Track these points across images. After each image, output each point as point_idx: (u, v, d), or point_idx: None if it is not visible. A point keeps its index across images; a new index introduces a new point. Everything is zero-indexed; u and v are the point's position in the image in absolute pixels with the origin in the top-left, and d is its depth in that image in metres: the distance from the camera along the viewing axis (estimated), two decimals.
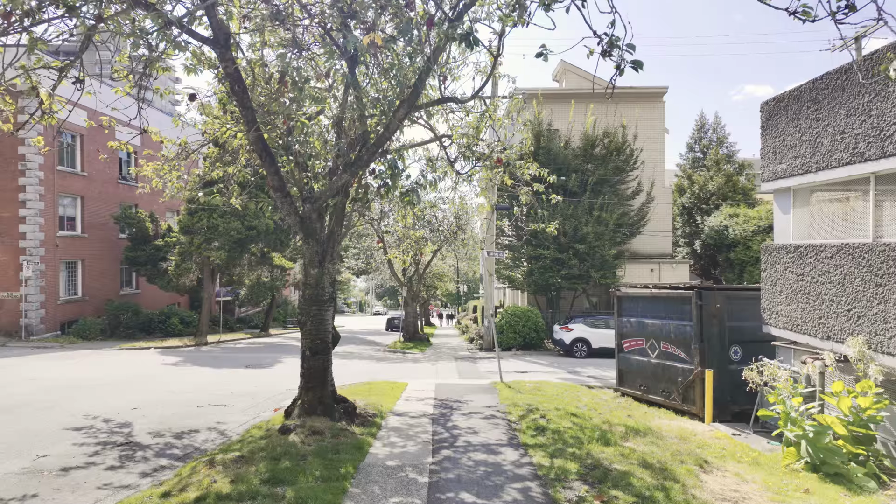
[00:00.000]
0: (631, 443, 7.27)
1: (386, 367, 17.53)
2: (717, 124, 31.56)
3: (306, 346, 7.54)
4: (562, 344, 20.82)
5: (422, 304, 50.01)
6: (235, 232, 25.31)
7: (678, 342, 10.80)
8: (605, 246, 22.40)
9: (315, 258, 7.53)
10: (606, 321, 20.96)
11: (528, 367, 17.51)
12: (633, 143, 23.73)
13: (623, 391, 12.24)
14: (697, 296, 10.32)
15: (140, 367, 15.83)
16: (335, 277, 7.84)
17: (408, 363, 18.54)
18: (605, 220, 22.10)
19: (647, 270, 25.33)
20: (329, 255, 7.68)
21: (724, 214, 25.57)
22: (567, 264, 22.13)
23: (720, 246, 25.53)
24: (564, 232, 22.07)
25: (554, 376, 15.65)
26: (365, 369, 16.69)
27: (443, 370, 16.62)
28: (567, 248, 22.14)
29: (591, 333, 20.57)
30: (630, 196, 23.99)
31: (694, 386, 10.32)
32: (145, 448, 7.01)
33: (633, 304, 12.25)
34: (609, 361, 19.35)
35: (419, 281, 27.49)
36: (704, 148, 31.66)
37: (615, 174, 23.44)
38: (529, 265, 23.07)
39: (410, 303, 26.67)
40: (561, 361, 19.28)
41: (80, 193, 26.50)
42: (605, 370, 17.11)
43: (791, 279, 9.13)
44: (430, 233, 25.74)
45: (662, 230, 25.87)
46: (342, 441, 6.50)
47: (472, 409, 9.62)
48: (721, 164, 29.66)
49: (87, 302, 26.97)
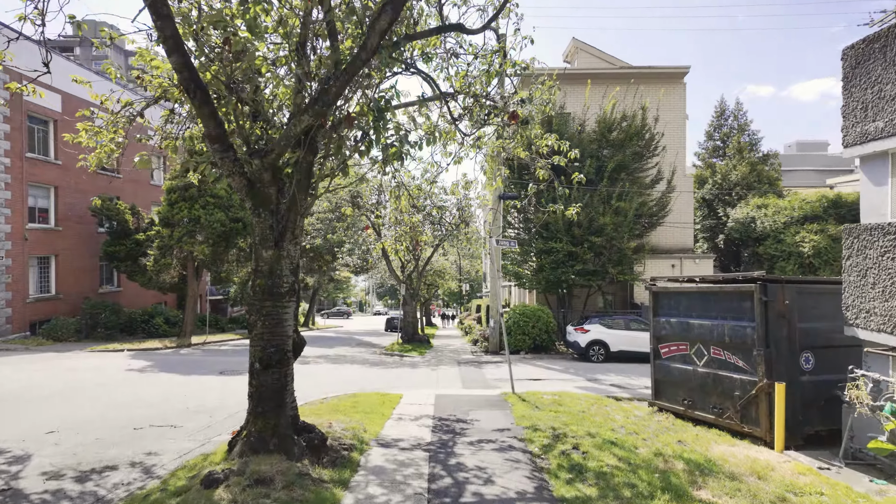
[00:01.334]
0: (707, 491, 5.21)
1: (380, 373, 15.49)
2: (738, 111, 29.43)
3: (256, 355, 5.51)
4: (576, 347, 18.76)
5: (422, 304, 47.96)
6: (219, 224, 23.30)
7: (734, 347, 8.74)
8: (623, 238, 20.33)
9: (268, 235, 5.50)
10: (626, 321, 18.90)
11: (541, 374, 15.47)
12: (653, 127, 21.65)
13: (661, 405, 10.17)
14: (761, 289, 8.26)
15: (97, 374, 13.83)
16: (297, 262, 5.81)
17: (405, 368, 16.51)
18: (623, 210, 20.02)
19: (668, 266, 23.24)
20: (290, 231, 5.65)
21: (752, 206, 23.48)
22: (581, 259, 20.06)
23: (746, 240, 23.43)
24: (579, 223, 20.00)
25: (572, 385, 13.60)
26: (356, 376, 14.66)
27: (444, 377, 14.57)
28: (582, 241, 20.07)
29: (609, 335, 18.50)
30: (649, 185, 21.91)
31: (757, 402, 8.26)
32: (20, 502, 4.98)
33: (674, 301, 10.18)
34: (631, 367, 17.31)
35: (419, 278, 25.47)
36: (725, 136, 29.54)
37: (633, 161, 21.36)
38: (539, 260, 21.01)
39: (409, 302, 24.64)
40: (577, 366, 17.22)
41: (53, 183, 24.53)
42: (628, 377, 15.04)
43: (892, 268, 7.06)
44: (430, 226, 23.71)
45: (683, 222, 23.77)
46: (297, 497, 4.46)
47: (480, 433, 7.58)
48: (744, 152, 27.54)
49: (61, 300, 25.00)
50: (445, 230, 23.80)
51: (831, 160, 66.37)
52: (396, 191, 10.56)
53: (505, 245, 12.62)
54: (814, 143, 64.46)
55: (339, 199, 21.94)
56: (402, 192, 10.53)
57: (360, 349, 23.85)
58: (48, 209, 24.61)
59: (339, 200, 21.93)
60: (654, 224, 21.96)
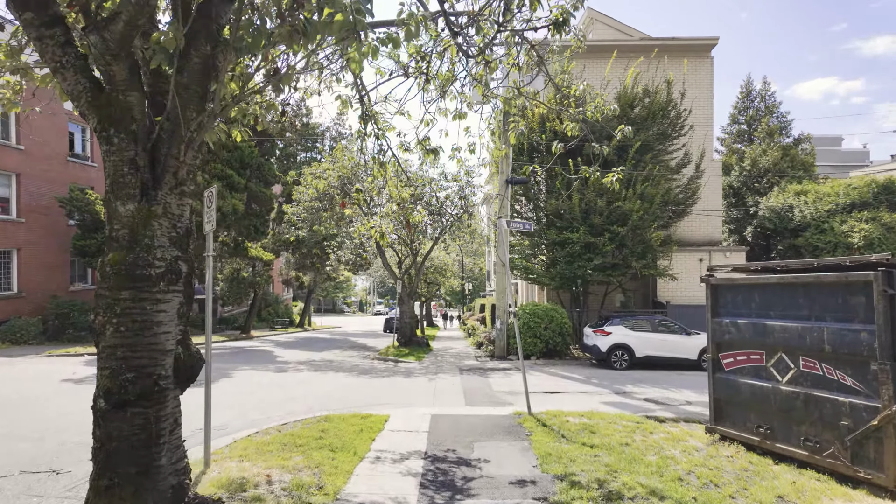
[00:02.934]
0: None
1: (368, 383, 13.14)
2: (765, 91, 26.93)
3: (102, 385, 3.16)
4: (595, 351, 16.36)
5: (423, 303, 45.59)
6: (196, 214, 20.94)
7: (839, 359, 6.36)
8: (649, 228, 17.92)
9: (128, 177, 3.15)
10: (652, 322, 16.50)
11: (558, 384, 13.09)
12: (679, 104, 19.23)
13: (724, 432, 7.76)
14: (885, 279, 5.89)
15: (25, 385, 11.51)
16: (188, 228, 3.46)
17: (398, 377, 14.15)
18: (650, 195, 17.61)
19: (695, 260, 20.81)
20: (169, 173, 3.31)
21: (788, 193, 21.02)
22: (601, 251, 17.66)
23: (781, 231, 20.98)
24: (599, 211, 17.61)
25: (598, 399, 11.22)
26: (339, 387, 12.31)
27: (443, 390, 12.21)
28: (601, 231, 17.67)
29: (634, 338, 16.10)
30: (675, 169, 19.49)
31: (879, 437, 5.89)
32: None
33: (742, 297, 7.78)
34: (661, 375, 14.86)
35: (417, 274, 23.11)
36: (751, 119, 27.05)
37: (658, 141, 18.94)
38: (552, 253, 18.62)
39: (407, 300, 22.27)
40: (598, 375, 14.83)
41: (14, 170, 22.27)
42: (664, 388, 12.65)
43: None
44: (429, 216, 21.34)
45: (711, 210, 21.34)
46: None
47: (491, 489, 5.20)
48: (775, 135, 25.07)
49: (24, 299, 22.73)
50: (446, 221, 21.42)
51: (846, 156, 63.80)
52: (380, 157, 8.20)
53: (518, 227, 10.24)
54: (827, 139, 62.08)
55: (327, 186, 19.62)
56: (387, 156, 8.17)
57: (352, 353, 21.51)
58: (8, 199, 22.35)
59: (327, 187, 19.62)
60: (681, 213, 19.55)
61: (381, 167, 8.27)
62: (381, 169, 8.28)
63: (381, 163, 8.28)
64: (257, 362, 17.06)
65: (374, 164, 8.32)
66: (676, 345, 16.12)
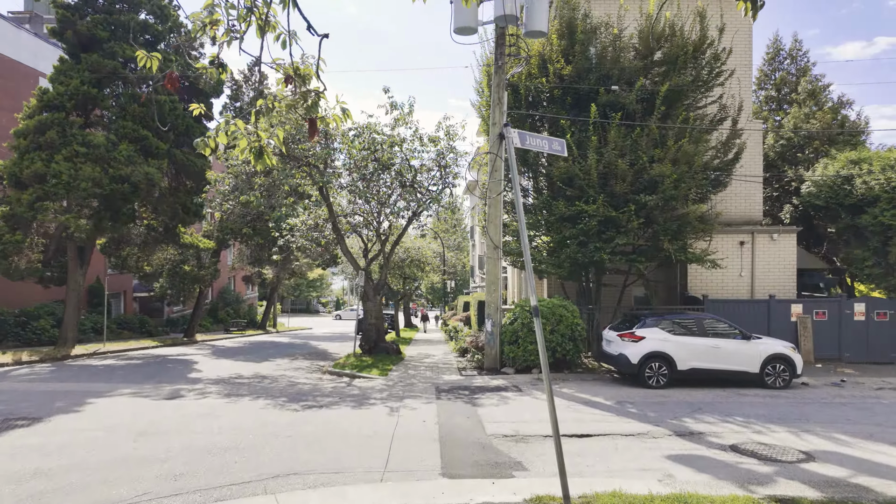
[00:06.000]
0: None
1: (293, 422, 8.53)
2: (796, 50, 22.95)
3: None
4: (622, 362, 11.98)
5: (399, 301, 40.91)
6: (93, 184, 16.06)
7: None
8: (687, 198, 13.65)
9: None
10: (698, 323, 12.19)
11: (583, 417, 8.67)
12: (717, 42, 14.96)
13: None
14: None
15: None
16: None
17: (344, 407, 9.56)
18: (687, 154, 13.29)
19: (734, 243, 16.59)
20: None
21: (842, 161, 16.95)
22: (624, 228, 13.31)
23: (834, 209, 16.91)
24: (622, 175, 13.24)
25: (660, 451, 6.84)
26: (239, 431, 7.66)
27: (407, 436, 7.66)
28: (625, 202, 13.31)
29: (675, 345, 11.76)
30: (713, 124, 15.22)
31: None
32: None
33: None
34: (716, 396, 10.13)
35: (385, 264, 18.52)
36: (780, 83, 23.01)
37: (692, 89, 14.65)
38: (559, 233, 14.21)
39: (372, 297, 17.66)
40: (632, 398, 10.44)
41: None
42: (739, 421, 8.34)
43: None
44: (399, 186, 16.77)
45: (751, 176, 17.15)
46: None
47: None
48: (819, 95, 21.09)
49: None
50: (422, 196, 16.87)
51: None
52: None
53: (539, 145, 5.75)
54: None
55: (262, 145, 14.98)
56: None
57: (302, 363, 16.85)
58: None
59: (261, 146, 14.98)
60: (720, 182, 15.30)
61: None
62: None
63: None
64: (157, 380, 12.32)
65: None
66: (731, 353, 11.85)
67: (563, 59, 14.50)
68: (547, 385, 4.89)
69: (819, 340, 15.30)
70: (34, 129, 15.88)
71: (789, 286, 16.49)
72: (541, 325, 4.87)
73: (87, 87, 16.62)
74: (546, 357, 4.97)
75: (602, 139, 13.72)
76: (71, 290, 19.22)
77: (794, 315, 15.39)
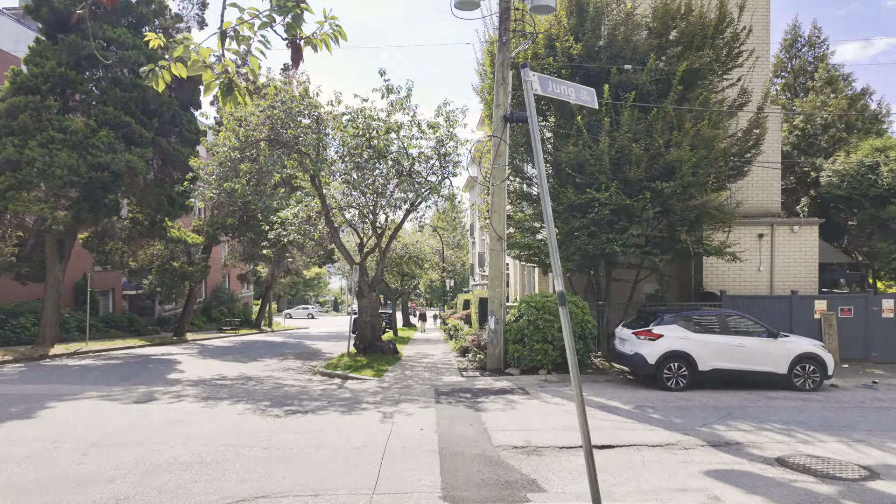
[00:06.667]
0: None
1: (272, 430, 7.54)
2: (815, 37, 21.99)
3: None
4: (637, 362, 10.99)
5: (397, 300, 39.89)
6: (69, 171, 15.04)
7: None
8: (707, 185, 12.67)
9: None
10: (720, 319, 11.20)
11: (600, 424, 7.67)
12: (737, 20, 13.98)
13: None
14: None
15: None
16: None
17: (333, 413, 8.57)
18: (706, 138, 12.29)
19: (753, 236, 15.62)
20: None
21: (865, 149, 15.98)
22: (638, 218, 12.32)
23: (856, 200, 15.95)
24: (635, 160, 12.25)
25: (694, 465, 5.87)
26: (210, 440, 6.66)
27: (401, 448, 6.66)
28: (639, 190, 12.32)
29: (696, 344, 10.78)
30: (734, 108, 14.21)
31: None
32: None
33: None
34: (743, 399, 9.04)
35: (382, 259, 17.52)
36: (798, 71, 22.03)
37: (710, 70, 13.66)
38: (567, 224, 13.20)
39: (367, 293, 16.67)
40: (652, 402, 9.45)
41: None
42: (777, 428, 7.34)
43: None
44: (395, 176, 15.78)
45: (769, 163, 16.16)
46: None
47: None
48: (837, 83, 20.13)
49: None
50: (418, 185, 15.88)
51: None
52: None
53: (566, 95, 4.79)
54: None
55: (250, 132, 13.93)
56: None
57: (293, 363, 15.86)
58: None
59: (250, 133, 13.93)
60: (738, 170, 14.31)
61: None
62: None
63: None
64: (131, 382, 11.31)
65: None
66: (757, 353, 10.87)
67: (571, 37, 13.51)
68: (577, 390, 3.92)
69: (844, 339, 14.31)
70: (6, 112, 14.86)
71: (811, 281, 15.51)
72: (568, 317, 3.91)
73: (65, 69, 15.61)
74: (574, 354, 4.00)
75: (614, 122, 12.73)
76: (50, 286, 18.22)
77: (818, 312, 14.40)
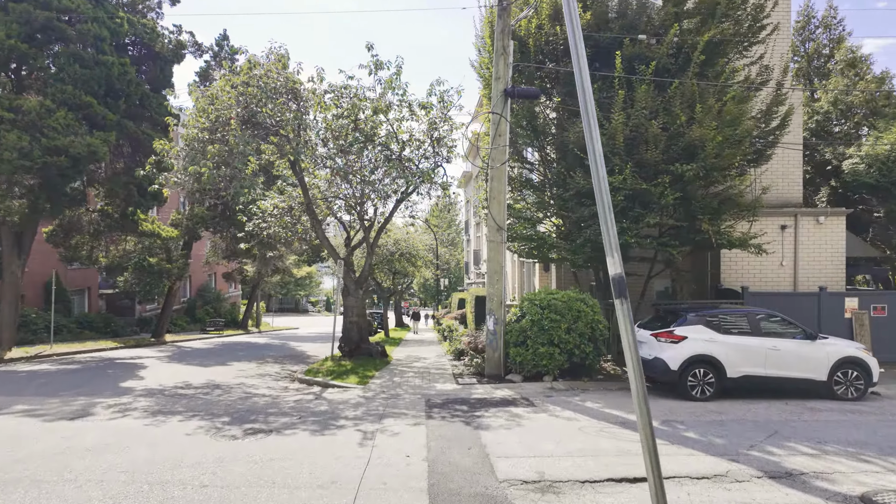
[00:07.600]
0: None
1: (224, 457, 6.09)
2: (829, 18, 20.73)
3: None
4: (656, 368, 9.62)
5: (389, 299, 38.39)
6: (19, 155, 13.49)
7: None
8: (732, 167, 11.31)
9: None
10: (750, 318, 9.83)
11: (622, 446, 6.25)
12: None
13: None
14: None
15: None
16: None
17: (301, 434, 7.11)
18: (731, 115, 10.92)
19: (775, 227, 14.29)
20: None
21: (893, 134, 14.70)
22: (655, 205, 10.94)
23: (887, 186, 14.67)
24: (652, 140, 10.86)
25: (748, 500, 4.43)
26: (130, 481, 5.20)
27: (379, 486, 5.23)
28: (657, 173, 10.93)
29: (724, 346, 9.42)
30: (756, 85, 12.87)
31: None
32: None
33: None
34: (784, 412, 7.80)
35: (370, 253, 16.06)
36: (813, 55, 20.77)
37: (731, 44, 12.32)
38: (574, 213, 11.81)
39: (354, 291, 15.22)
40: (679, 414, 8.06)
41: None
42: (838, 452, 5.88)
43: None
44: (384, 162, 14.33)
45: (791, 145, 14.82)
46: None
47: None
48: (859, 66, 18.88)
49: None
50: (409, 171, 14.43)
51: None
52: None
53: None
54: None
55: (221, 111, 12.46)
56: None
57: (272, 368, 14.40)
58: None
59: (221, 112, 12.47)
60: (762, 153, 12.97)
61: None
62: None
63: None
64: (76, 392, 9.81)
65: None
66: (793, 357, 9.53)
67: (580, 4, 12.13)
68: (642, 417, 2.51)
69: (877, 340, 13.01)
70: None
71: (838, 277, 14.20)
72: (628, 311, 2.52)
73: (15, 41, 14.05)
74: (636, 360, 2.61)
75: (628, 98, 11.34)
76: (7, 283, 16.66)
77: (849, 310, 13.09)
